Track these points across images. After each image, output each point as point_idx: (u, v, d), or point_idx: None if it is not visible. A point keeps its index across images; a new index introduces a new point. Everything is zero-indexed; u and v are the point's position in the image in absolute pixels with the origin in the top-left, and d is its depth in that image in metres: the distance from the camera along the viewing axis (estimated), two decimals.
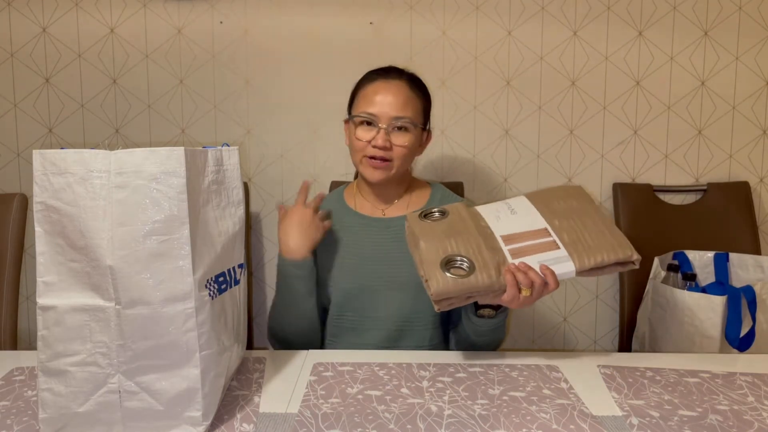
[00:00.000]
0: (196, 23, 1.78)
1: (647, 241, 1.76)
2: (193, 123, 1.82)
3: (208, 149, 0.83)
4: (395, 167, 1.18)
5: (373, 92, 1.18)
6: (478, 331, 1.08)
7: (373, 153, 1.16)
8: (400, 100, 1.17)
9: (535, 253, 0.95)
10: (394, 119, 1.16)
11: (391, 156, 1.17)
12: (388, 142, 1.16)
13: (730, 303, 1.39)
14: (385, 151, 1.16)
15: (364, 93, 1.20)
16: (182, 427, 0.75)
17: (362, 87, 1.21)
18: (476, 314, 1.06)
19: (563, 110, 1.82)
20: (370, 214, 1.25)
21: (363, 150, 1.17)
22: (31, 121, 1.82)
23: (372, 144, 1.16)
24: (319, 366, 1.00)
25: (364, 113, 1.17)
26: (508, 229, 0.99)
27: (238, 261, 0.90)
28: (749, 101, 1.83)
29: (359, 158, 1.19)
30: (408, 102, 1.18)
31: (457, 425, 0.79)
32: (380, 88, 1.18)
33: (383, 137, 1.15)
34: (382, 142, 1.15)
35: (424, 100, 1.23)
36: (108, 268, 0.71)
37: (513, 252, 0.95)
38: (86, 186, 0.71)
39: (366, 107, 1.17)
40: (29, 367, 0.99)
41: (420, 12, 1.78)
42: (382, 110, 1.16)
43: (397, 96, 1.17)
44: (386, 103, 1.16)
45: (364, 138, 1.17)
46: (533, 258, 0.95)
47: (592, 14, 1.79)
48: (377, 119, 1.16)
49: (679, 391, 0.90)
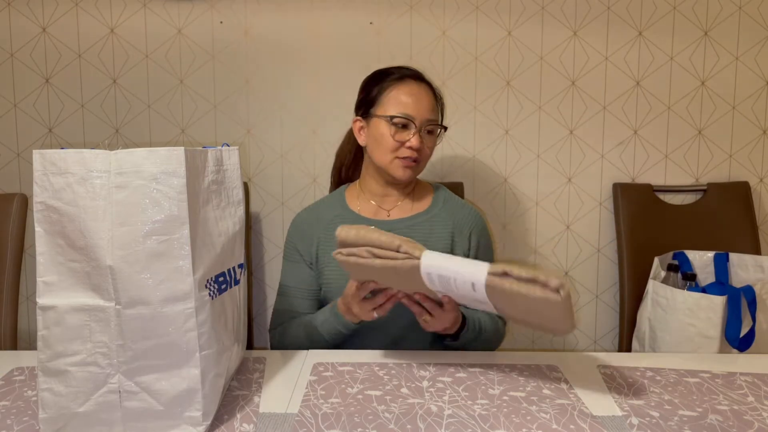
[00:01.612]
0: (196, 23, 1.78)
1: (647, 241, 1.76)
2: (193, 123, 1.82)
3: (208, 149, 0.83)
4: (421, 168, 1.23)
5: (407, 93, 1.20)
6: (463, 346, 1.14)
7: (407, 154, 1.19)
8: (431, 104, 1.22)
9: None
10: (428, 121, 1.20)
11: (420, 157, 1.20)
12: (422, 143, 1.19)
13: (730, 303, 1.39)
14: (418, 153, 1.19)
15: (396, 93, 1.20)
16: (182, 427, 0.75)
17: (391, 87, 1.21)
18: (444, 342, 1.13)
19: (563, 110, 1.82)
20: (374, 216, 1.25)
21: (396, 150, 1.19)
22: (31, 121, 1.82)
23: (407, 145, 1.18)
24: (319, 366, 1.00)
25: (403, 114, 1.18)
26: None
27: (238, 261, 0.90)
28: (749, 101, 1.82)
29: (390, 158, 1.20)
30: (436, 105, 1.23)
31: (457, 425, 0.79)
32: (415, 91, 1.20)
33: (419, 139, 1.18)
34: (418, 143, 1.18)
35: (442, 104, 1.28)
36: (108, 268, 0.71)
37: None
38: (86, 186, 0.72)
39: (403, 108, 1.19)
40: (29, 367, 0.99)
41: (420, 12, 1.78)
42: (418, 112, 1.19)
43: (429, 99, 1.21)
44: (422, 105, 1.19)
45: (401, 139, 1.19)
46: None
47: (592, 14, 1.79)
48: (415, 121, 1.18)
49: (679, 391, 0.90)
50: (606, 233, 1.86)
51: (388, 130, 1.18)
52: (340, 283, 1.19)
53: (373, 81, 1.24)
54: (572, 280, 1.87)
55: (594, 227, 1.86)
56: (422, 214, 1.25)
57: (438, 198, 1.28)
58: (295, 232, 1.27)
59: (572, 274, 1.87)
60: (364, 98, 1.25)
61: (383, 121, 1.19)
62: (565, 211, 1.86)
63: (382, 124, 1.19)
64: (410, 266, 0.89)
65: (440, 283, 0.89)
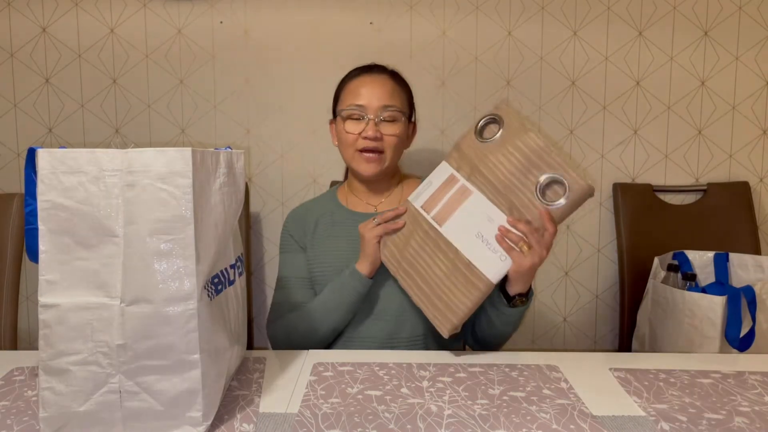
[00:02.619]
0: (196, 23, 1.78)
1: (647, 241, 1.76)
2: (193, 123, 1.82)
3: (220, 151, 0.84)
4: (387, 158, 1.19)
5: (358, 86, 1.19)
6: (508, 321, 1.08)
7: (364, 145, 1.17)
8: (387, 91, 1.18)
9: (456, 207, 1.02)
10: (382, 108, 1.17)
11: (382, 147, 1.18)
12: (379, 132, 1.16)
13: (730, 303, 1.39)
14: (377, 142, 1.17)
15: (348, 88, 1.21)
16: (182, 428, 0.75)
17: (346, 83, 1.23)
18: (509, 305, 1.05)
19: (563, 110, 1.82)
20: (363, 210, 1.26)
21: (353, 144, 1.18)
22: (31, 121, 1.82)
23: (362, 136, 1.16)
24: (319, 366, 1.00)
25: (352, 106, 1.18)
26: (424, 199, 1.07)
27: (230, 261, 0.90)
28: (749, 101, 1.83)
29: (351, 153, 1.19)
30: (394, 92, 1.20)
31: (457, 425, 0.79)
32: (365, 82, 1.19)
33: (373, 128, 1.16)
34: (372, 132, 1.16)
35: (407, 92, 1.25)
36: (118, 265, 0.72)
37: (436, 218, 1.03)
38: (99, 185, 0.72)
39: (352, 100, 1.18)
40: (29, 367, 0.99)
41: (420, 12, 1.78)
42: (369, 101, 1.17)
43: (383, 87, 1.19)
44: (373, 94, 1.17)
45: (354, 131, 1.17)
46: (457, 213, 1.01)
47: (592, 14, 1.79)
48: (365, 110, 1.17)
49: (698, 393, 0.90)
50: (606, 233, 1.86)
51: (343, 125, 1.19)
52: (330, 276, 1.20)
53: (339, 83, 1.25)
54: (572, 280, 1.87)
55: (594, 227, 1.86)
56: None
57: None
58: (290, 223, 1.29)
59: (572, 274, 1.87)
60: (333, 101, 1.26)
61: (339, 117, 1.20)
62: None
63: (339, 121, 1.21)
64: (405, 206, 1.09)
65: (427, 195, 1.06)
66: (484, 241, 0.98)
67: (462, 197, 1.01)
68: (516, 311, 1.06)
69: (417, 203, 1.06)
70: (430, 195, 1.05)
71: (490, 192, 0.99)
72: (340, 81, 1.26)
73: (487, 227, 0.99)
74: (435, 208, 1.03)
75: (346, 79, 1.24)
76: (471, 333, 1.19)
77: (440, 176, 1.05)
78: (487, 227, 0.99)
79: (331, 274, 1.19)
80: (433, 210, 1.03)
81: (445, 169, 1.05)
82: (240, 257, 0.95)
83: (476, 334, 1.17)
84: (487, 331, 1.12)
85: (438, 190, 1.04)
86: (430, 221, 1.03)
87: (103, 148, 0.73)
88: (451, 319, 1.01)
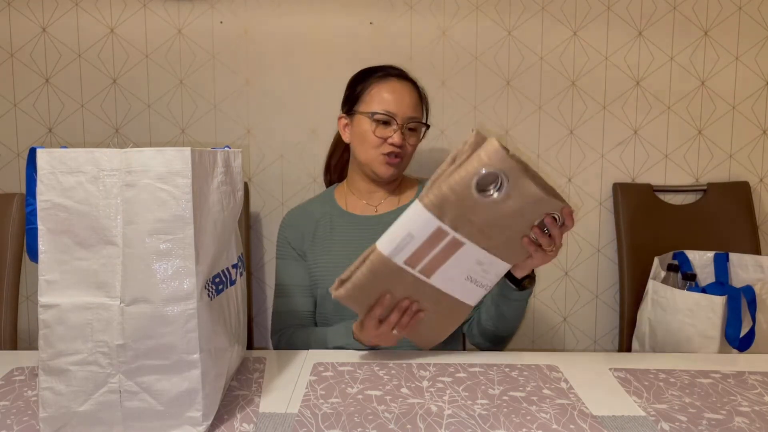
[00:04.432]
0: (196, 23, 1.78)
1: (647, 241, 1.76)
2: (193, 123, 1.82)
3: (217, 150, 0.84)
4: (404, 165, 1.24)
5: (389, 90, 1.21)
6: (519, 306, 1.10)
7: (390, 150, 1.20)
8: (414, 101, 1.23)
9: (445, 260, 0.92)
10: (410, 119, 1.21)
11: (403, 154, 1.22)
12: (404, 141, 1.20)
13: (730, 303, 1.39)
14: (401, 149, 1.20)
15: (378, 90, 1.21)
16: (182, 428, 0.75)
17: (374, 84, 1.23)
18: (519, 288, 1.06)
19: (563, 110, 1.82)
20: (362, 212, 1.26)
21: (379, 147, 1.20)
22: (31, 121, 1.82)
23: (389, 142, 1.19)
24: (319, 366, 1.00)
25: (384, 111, 1.19)
26: (407, 254, 0.92)
27: (233, 261, 0.91)
28: (749, 101, 1.83)
29: (374, 155, 1.21)
30: (419, 103, 1.24)
31: (457, 425, 0.79)
32: (397, 88, 1.21)
33: (400, 136, 1.20)
34: (400, 140, 1.19)
35: (426, 103, 1.30)
36: (118, 265, 0.72)
37: (423, 272, 0.93)
38: (98, 185, 0.72)
39: (385, 105, 1.20)
40: (29, 367, 0.99)
41: (420, 12, 1.78)
42: (400, 109, 1.20)
43: (412, 97, 1.22)
44: (404, 103, 1.21)
45: (384, 135, 1.20)
46: (446, 265, 0.93)
47: (592, 14, 1.79)
48: (396, 118, 1.20)
49: (697, 393, 0.90)
50: (606, 233, 1.86)
51: (370, 126, 1.20)
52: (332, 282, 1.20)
53: (358, 79, 1.26)
54: (572, 280, 1.87)
55: (594, 227, 1.86)
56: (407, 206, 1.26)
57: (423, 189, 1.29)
58: (286, 229, 1.29)
59: (572, 274, 1.87)
60: (348, 96, 1.27)
61: (366, 117, 1.21)
62: None
63: (364, 121, 1.21)
64: (380, 261, 0.91)
65: (409, 250, 0.90)
66: (473, 281, 0.97)
67: (452, 250, 0.91)
68: (527, 293, 1.08)
69: (398, 259, 0.91)
70: (413, 251, 0.91)
71: (481, 239, 0.91)
72: (360, 77, 1.26)
73: (476, 270, 0.95)
74: (420, 263, 0.92)
75: (374, 80, 1.23)
76: (480, 334, 1.18)
77: (423, 229, 0.89)
78: (476, 270, 0.95)
79: (332, 278, 1.19)
80: (418, 265, 0.92)
81: (428, 220, 0.89)
82: (240, 257, 0.95)
83: (487, 332, 1.16)
84: (500, 325, 1.13)
85: (423, 245, 0.90)
86: (415, 275, 0.93)
87: (102, 148, 0.73)
88: (433, 341, 1.06)
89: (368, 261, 0.92)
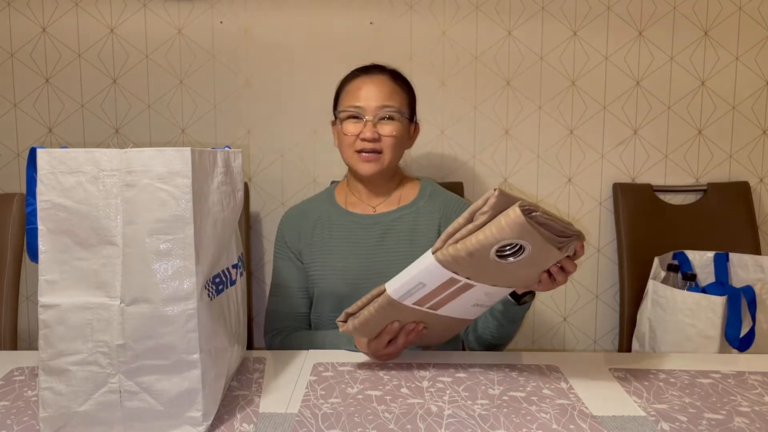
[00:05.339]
0: (196, 23, 1.78)
1: (647, 241, 1.76)
2: (193, 123, 1.82)
3: (217, 150, 0.84)
4: (387, 159, 1.19)
5: (356, 87, 1.21)
6: (516, 318, 1.08)
7: (362, 146, 1.18)
8: (385, 91, 1.19)
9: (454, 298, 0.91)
10: (380, 108, 1.18)
11: (380, 147, 1.18)
12: (377, 133, 1.17)
13: (730, 303, 1.39)
14: (374, 143, 1.18)
15: (347, 90, 1.22)
16: (182, 428, 0.75)
17: (345, 85, 1.24)
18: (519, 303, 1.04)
19: (563, 110, 1.82)
20: (361, 211, 1.26)
21: (352, 145, 1.19)
22: (31, 121, 1.82)
23: (360, 137, 1.17)
24: (319, 366, 1.00)
25: (350, 107, 1.19)
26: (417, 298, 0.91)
27: (233, 261, 0.91)
28: (749, 101, 1.83)
29: (350, 154, 1.20)
30: (392, 92, 1.20)
31: (457, 425, 0.79)
32: (363, 83, 1.20)
33: (371, 129, 1.17)
34: (370, 133, 1.17)
35: (408, 92, 1.25)
36: (118, 265, 0.72)
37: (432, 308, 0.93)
38: (98, 185, 0.72)
39: (351, 101, 1.19)
40: (29, 367, 0.99)
41: (420, 12, 1.78)
42: (367, 102, 1.18)
43: (381, 87, 1.20)
44: (371, 95, 1.18)
45: (352, 132, 1.18)
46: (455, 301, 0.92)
47: (592, 14, 1.79)
48: (363, 111, 1.18)
49: (697, 393, 0.90)
50: (606, 233, 1.86)
51: (342, 126, 1.19)
52: (329, 280, 1.20)
53: (339, 84, 1.26)
54: (572, 280, 1.87)
55: (594, 227, 1.86)
56: (407, 206, 1.25)
57: (424, 190, 1.28)
58: (284, 228, 1.29)
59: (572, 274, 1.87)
60: (333, 102, 1.27)
61: (338, 118, 1.21)
62: (565, 211, 1.86)
63: (338, 124, 1.22)
64: (389, 303, 0.90)
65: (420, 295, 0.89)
66: (479, 305, 0.96)
67: (463, 290, 0.90)
68: (526, 307, 1.06)
69: (407, 302, 0.90)
70: (423, 295, 0.90)
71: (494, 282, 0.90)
72: (340, 82, 1.26)
73: (483, 298, 0.94)
74: (430, 302, 0.92)
75: (346, 81, 1.25)
76: (475, 340, 1.18)
77: (435, 280, 0.87)
78: (483, 298, 0.94)
79: (330, 278, 1.19)
80: (428, 304, 0.92)
81: (441, 274, 0.86)
82: (240, 257, 0.95)
83: (483, 339, 1.15)
84: (498, 334, 1.13)
85: (434, 290, 0.89)
86: (424, 311, 0.93)
87: (102, 148, 0.73)
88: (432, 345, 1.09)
89: (377, 302, 0.91)
